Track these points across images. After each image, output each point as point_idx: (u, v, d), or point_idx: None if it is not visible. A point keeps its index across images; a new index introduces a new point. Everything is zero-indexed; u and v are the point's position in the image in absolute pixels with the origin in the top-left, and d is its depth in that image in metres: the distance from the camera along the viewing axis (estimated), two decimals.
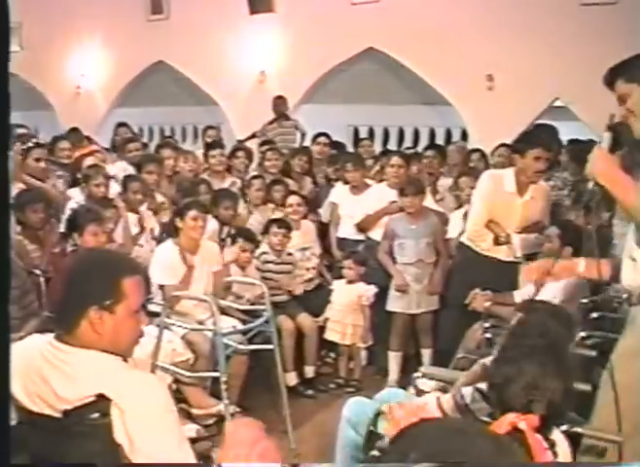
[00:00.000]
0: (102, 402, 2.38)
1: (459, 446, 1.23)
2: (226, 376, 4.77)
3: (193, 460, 2.44)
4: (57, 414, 2.44)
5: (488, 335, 4.99)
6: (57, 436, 2.44)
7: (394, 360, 6.61)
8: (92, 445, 2.40)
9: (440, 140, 11.74)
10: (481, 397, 3.19)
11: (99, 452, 2.39)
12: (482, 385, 3.28)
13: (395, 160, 7.17)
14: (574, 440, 2.84)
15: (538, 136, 5.97)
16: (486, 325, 5.14)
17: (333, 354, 6.99)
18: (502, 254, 5.80)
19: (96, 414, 2.38)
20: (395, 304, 6.57)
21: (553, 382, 2.45)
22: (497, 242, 5.74)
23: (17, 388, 2.54)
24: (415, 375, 4.11)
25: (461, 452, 1.21)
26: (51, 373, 2.47)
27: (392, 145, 12.47)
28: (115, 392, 2.38)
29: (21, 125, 9.33)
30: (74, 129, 10.16)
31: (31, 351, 2.58)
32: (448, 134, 12.23)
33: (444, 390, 4.02)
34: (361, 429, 3.63)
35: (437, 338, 6.57)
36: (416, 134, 12.78)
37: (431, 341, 6.64)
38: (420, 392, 4.04)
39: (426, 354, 6.65)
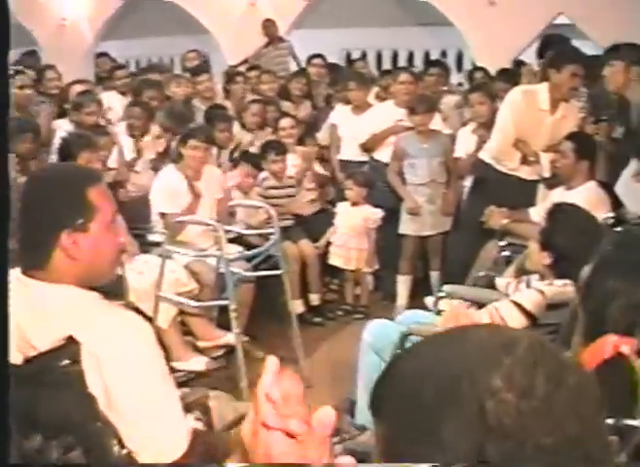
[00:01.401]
0: (72, 346, 2.04)
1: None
2: (235, 303, 4.58)
3: (180, 417, 2.12)
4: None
5: (506, 252, 4.82)
6: (29, 386, 2.08)
7: (403, 284, 6.43)
8: (64, 397, 2.05)
9: None
10: (518, 309, 3.04)
11: (72, 406, 2.05)
12: (518, 298, 3.12)
13: (404, 76, 6.87)
14: None
15: (574, 51, 5.70)
16: (502, 243, 4.97)
17: (337, 280, 6.82)
18: (525, 173, 5.60)
19: (66, 361, 2.04)
20: (407, 226, 6.35)
21: None
22: (525, 162, 5.51)
23: None
24: (439, 294, 3.93)
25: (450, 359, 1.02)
26: (19, 314, 2.09)
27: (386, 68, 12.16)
28: (87, 334, 2.04)
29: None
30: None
31: None
32: (444, 56, 11.93)
33: None
34: (385, 354, 3.46)
35: (445, 260, 6.40)
36: (410, 57, 12.47)
37: (440, 263, 6.46)
38: (441, 313, 3.87)
39: (434, 277, 6.47)
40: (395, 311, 6.16)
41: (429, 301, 5.53)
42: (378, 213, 6.33)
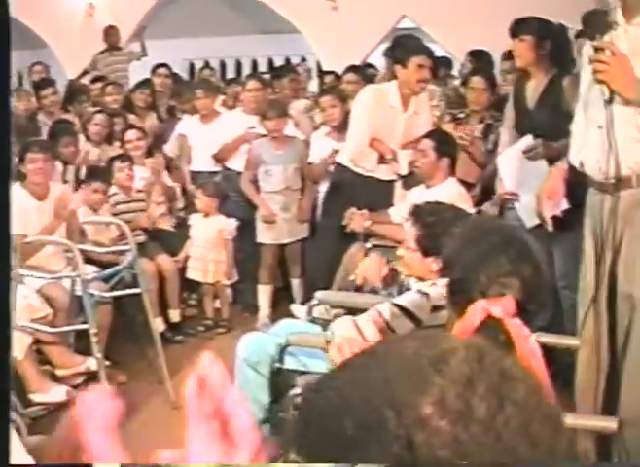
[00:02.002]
0: None
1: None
2: (95, 327, 4.33)
3: None
4: None
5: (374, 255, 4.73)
6: None
7: (264, 294, 6.29)
8: None
9: None
10: (402, 312, 2.93)
11: None
12: (401, 301, 3.01)
13: (252, 83, 6.80)
14: None
15: (418, 43, 5.70)
16: (369, 245, 4.90)
17: (195, 295, 6.62)
18: (382, 173, 5.57)
19: None
20: (264, 235, 6.23)
21: (525, 267, 2.11)
22: (382, 161, 5.46)
23: None
24: (312, 302, 3.79)
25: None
26: None
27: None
28: None
29: None
30: None
31: None
32: (288, 63, 11.88)
33: (338, 317, 3.78)
34: (262, 368, 3.31)
35: (305, 267, 6.33)
36: (254, 65, 12.39)
37: (300, 270, 6.37)
38: (314, 320, 3.76)
39: (295, 284, 6.39)
40: (258, 322, 6.10)
41: (295, 309, 5.41)
42: (233, 223, 6.20)
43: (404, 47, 5.69)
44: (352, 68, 7.71)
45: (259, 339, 3.49)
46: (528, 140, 4.56)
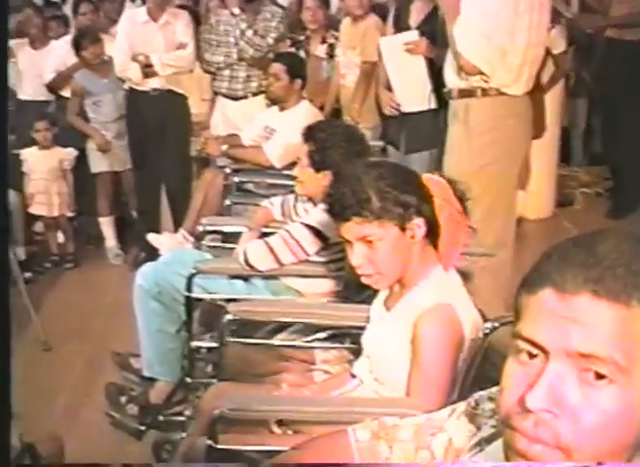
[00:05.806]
0: None
1: None
2: None
3: None
4: None
5: (237, 178, 4.71)
6: None
7: (107, 225, 6.15)
8: None
9: None
10: (310, 231, 3.08)
11: None
12: (309, 220, 3.14)
13: (84, 7, 6.51)
14: None
15: None
16: (228, 170, 4.84)
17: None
18: (155, 85, 5.76)
19: None
20: (99, 164, 6.06)
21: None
22: (143, 72, 5.66)
23: None
24: (201, 228, 3.78)
25: None
26: None
27: None
28: None
29: None
30: None
31: None
32: None
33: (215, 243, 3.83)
34: (165, 298, 3.29)
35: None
36: None
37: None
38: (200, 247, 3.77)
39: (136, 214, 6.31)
40: (109, 254, 6.06)
41: (153, 238, 5.28)
42: (72, 153, 6.03)
43: None
44: None
45: (159, 269, 3.40)
46: (413, 34, 4.74)
